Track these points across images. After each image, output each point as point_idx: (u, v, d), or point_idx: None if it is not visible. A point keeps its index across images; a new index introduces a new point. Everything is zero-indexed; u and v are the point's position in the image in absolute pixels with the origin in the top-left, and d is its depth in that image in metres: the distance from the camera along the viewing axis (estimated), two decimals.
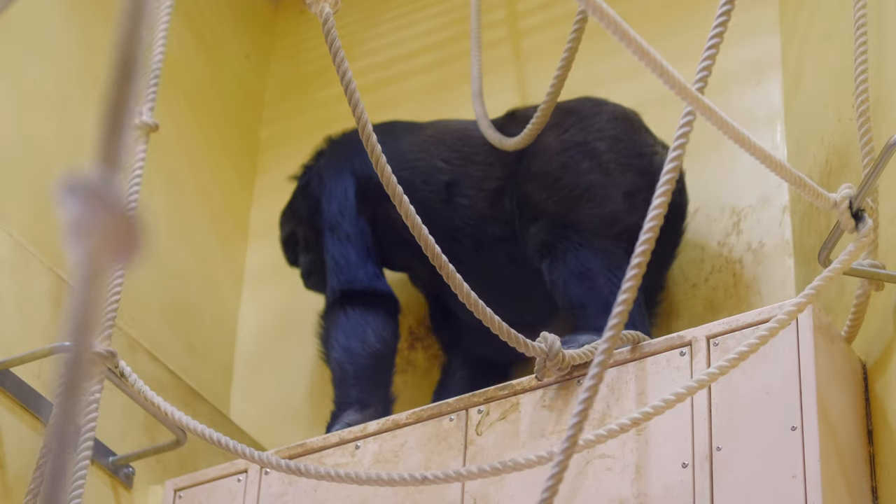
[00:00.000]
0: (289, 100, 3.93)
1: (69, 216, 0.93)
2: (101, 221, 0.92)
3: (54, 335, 2.98)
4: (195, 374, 3.42)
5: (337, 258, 3.12)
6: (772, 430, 2.40)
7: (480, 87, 3.24)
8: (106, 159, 0.96)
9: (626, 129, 3.02)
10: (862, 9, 2.62)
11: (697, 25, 3.45)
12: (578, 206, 2.92)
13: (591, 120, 3.02)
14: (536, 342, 2.53)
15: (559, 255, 2.89)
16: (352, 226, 3.13)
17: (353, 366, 3.03)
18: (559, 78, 2.86)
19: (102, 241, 0.93)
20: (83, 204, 0.92)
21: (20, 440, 2.87)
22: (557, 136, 2.99)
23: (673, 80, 2.10)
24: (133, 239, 0.93)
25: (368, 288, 3.09)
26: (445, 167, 3.09)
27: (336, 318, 3.08)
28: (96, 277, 0.94)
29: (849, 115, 2.75)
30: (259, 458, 2.53)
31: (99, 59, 3.39)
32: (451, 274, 2.38)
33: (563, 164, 2.96)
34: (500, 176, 3.05)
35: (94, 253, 0.94)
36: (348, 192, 3.15)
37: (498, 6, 3.71)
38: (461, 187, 3.06)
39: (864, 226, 2.45)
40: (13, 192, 3.08)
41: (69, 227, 0.93)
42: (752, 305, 3.03)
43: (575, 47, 2.82)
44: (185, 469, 3.14)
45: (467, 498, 2.61)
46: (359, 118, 2.32)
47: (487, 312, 2.41)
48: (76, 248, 0.93)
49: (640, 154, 2.99)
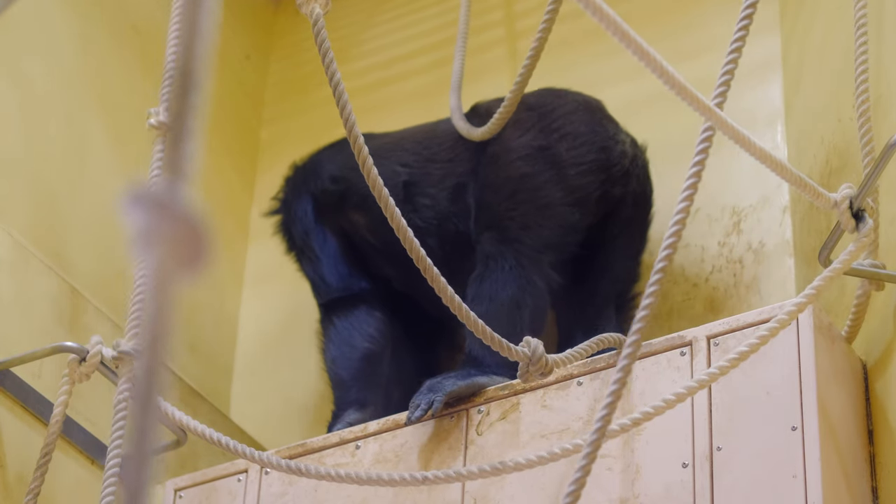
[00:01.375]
0: (289, 100, 3.93)
1: (136, 227, 0.93)
2: (169, 231, 0.93)
3: (54, 335, 2.98)
4: (195, 374, 3.42)
5: (313, 278, 3.19)
6: (772, 430, 2.40)
7: (460, 81, 3.25)
8: (170, 168, 0.97)
9: (587, 120, 3.02)
10: (862, 9, 2.62)
11: (698, 25, 3.45)
12: (530, 225, 2.93)
13: (552, 116, 3.01)
14: (519, 346, 2.52)
15: (487, 273, 2.90)
16: (317, 241, 3.19)
17: (346, 370, 3.06)
18: (527, 67, 2.85)
19: (170, 250, 0.93)
20: (150, 214, 0.92)
21: (20, 440, 2.87)
22: (518, 138, 2.99)
23: (673, 80, 2.10)
24: (200, 247, 0.94)
25: (345, 292, 3.15)
26: (403, 170, 3.11)
27: (326, 330, 3.14)
28: (165, 288, 0.95)
29: (849, 115, 2.75)
30: (259, 458, 2.53)
31: (100, 60, 3.39)
32: (434, 277, 2.37)
33: (522, 174, 2.96)
34: (461, 172, 3.07)
35: (163, 262, 0.94)
36: (307, 210, 3.21)
37: (495, 7, 3.71)
38: (422, 187, 3.06)
39: (865, 226, 2.45)
40: (13, 192, 3.08)
41: (136, 238, 0.93)
42: (753, 305, 3.03)
43: (545, 37, 2.82)
44: (185, 469, 3.14)
45: (467, 498, 2.61)
46: (346, 119, 2.31)
47: (471, 315, 2.41)
48: (144, 257, 0.93)
49: (602, 147, 3.00)
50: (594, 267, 3.02)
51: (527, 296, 2.86)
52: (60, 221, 3.17)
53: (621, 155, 3.00)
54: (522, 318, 2.84)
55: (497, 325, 2.75)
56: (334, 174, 3.19)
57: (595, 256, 3.01)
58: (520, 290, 2.86)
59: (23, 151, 3.13)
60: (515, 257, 2.89)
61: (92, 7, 3.39)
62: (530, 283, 2.87)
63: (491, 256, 2.91)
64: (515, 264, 2.88)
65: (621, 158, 3.00)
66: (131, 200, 0.92)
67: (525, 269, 2.88)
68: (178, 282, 0.95)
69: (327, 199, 3.18)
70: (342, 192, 3.16)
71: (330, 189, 3.18)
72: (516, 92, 2.89)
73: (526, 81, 2.88)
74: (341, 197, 3.17)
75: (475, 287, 2.89)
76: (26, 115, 3.16)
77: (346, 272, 3.17)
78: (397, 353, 3.16)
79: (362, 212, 3.14)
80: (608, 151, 2.99)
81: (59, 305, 3.06)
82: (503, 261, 2.89)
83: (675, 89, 2.11)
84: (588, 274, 3.02)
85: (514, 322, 2.82)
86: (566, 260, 2.95)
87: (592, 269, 3.02)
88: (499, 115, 2.91)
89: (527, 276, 2.87)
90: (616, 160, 2.99)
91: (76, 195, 3.22)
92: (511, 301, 2.85)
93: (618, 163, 2.99)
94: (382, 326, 3.11)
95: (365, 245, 3.17)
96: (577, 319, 3.00)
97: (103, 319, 3.15)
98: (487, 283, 2.88)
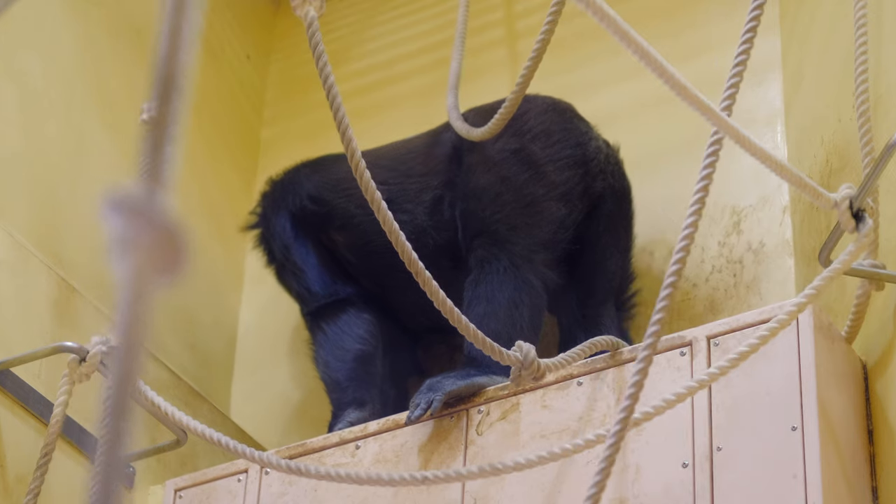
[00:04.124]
0: (289, 100, 3.93)
1: (113, 233, 0.92)
2: (146, 237, 0.92)
3: (54, 335, 2.98)
4: (195, 374, 3.42)
5: (298, 290, 3.22)
6: (772, 430, 2.40)
7: (457, 80, 3.25)
8: (150, 174, 0.96)
9: (557, 119, 3.04)
10: (862, 9, 2.62)
11: (698, 25, 3.45)
12: (518, 225, 2.94)
13: (521, 119, 3.02)
14: (512, 351, 2.52)
15: (482, 276, 2.90)
16: (298, 255, 3.22)
17: (340, 372, 3.07)
18: (529, 69, 2.85)
19: (147, 257, 0.93)
20: (127, 220, 0.92)
21: (20, 440, 2.87)
22: (493, 144, 3.01)
23: (673, 80, 2.10)
24: (179, 254, 0.94)
25: (330, 298, 3.17)
26: (383, 188, 3.11)
27: (316, 337, 3.16)
28: (141, 294, 0.95)
29: (849, 115, 2.75)
30: (259, 458, 2.53)
31: (99, 59, 3.39)
32: (426, 280, 2.36)
33: (502, 177, 2.98)
34: (436, 185, 3.09)
35: (140, 269, 0.94)
36: (285, 226, 3.23)
37: (495, 7, 3.71)
38: (399, 203, 3.07)
39: (865, 226, 2.45)
40: (13, 191, 3.08)
41: (114, 244, 0.93)
42: (753, 305, 3.03)
43: (547, 38, 2.81)
44: (185, 469, 3.14)
45: (467, 498, 2.61)
46: (339, 122, 2.31)
47: (462, 320, 2.40)
48: (122, 264, 0.93)
49: (577, 143, 3.02)
50: (587, 267, 3.03)
51: (524, 295, 2.86)
52: (60, 221, 3.17)
53: (596, 150, 3.04)
54: (522, 316, 2.84)
55: (497, 326, 2.75)
56: (312, 194, 3.22)
57: (585, 256, 3.02)
58: (516, 290, 2.86)
59: (23, 151, 3.13)
60: (509, 258, 2.90)
61: (91, 6, 3.39)
62: (526, 282, 2.88)
63: (485, 260, 2.92)
64: (510, 265, 2.89)
65: (597, 153, 3.03)
66: (110, 205, 0.92)
67: (520, 269, 2.89)
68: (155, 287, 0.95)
69: (306, 216, 3.21)
70: (323, 214, 3.19)
71: (309, 208, 3.20)
72: (518, 92, 2.88)
73: (528, 82, 2.87)
74: (322, 217, 3.19)
75: (471, 290, 2.90)
76: (26, 114, 3.16)
77: (330, 280, 3.19)
78: (389, 353, 3.17)
79: (344, 233, 3.17)
80: (583, 147, 3.02)
81: (59, 305, 3.05)
82: (497, 263, 2.90)
83: (676, 89, 2.11)
84: (582, 275, 3.03)
85: (513, 322, 2.82)
86: (560, 259, 2.96)
87: (585, 269, 3.03)
88: (500, 115, 2.91)
89: (522, 275, 2.88)
90: (592, 155, 3.02)
91: (76, 195, 3.22)
92: (509, 301, 2.85)
93: (594, 157, 3.02)
94: (372, 328, 3.13)
95: (344, 261, 3.19)
96: (577, 319, 3.01)
97: (103, 319, 3.15)
98: (483, 286, 2.89)
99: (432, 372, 3.23)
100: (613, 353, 2.64)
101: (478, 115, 3.07)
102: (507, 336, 2.60)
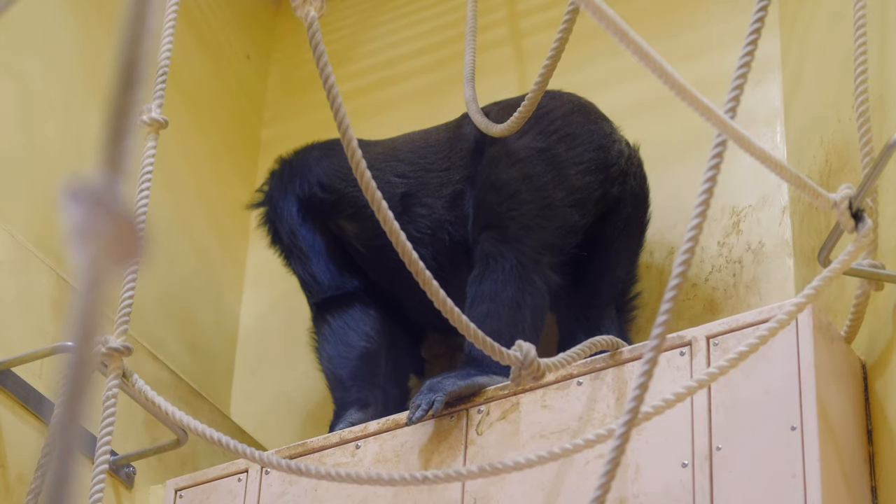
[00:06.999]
0: (289, 100, 3.93)
1: (72, 221, 0.93)
2: (105, 227, 0.93)
3: (55, 335, 2.98)
4: (196, 374, 3.42)
5: (304, 277, 3.19)
6: (772, 429, 2.40)
7: (473, 72, 3.24)
8: (109, 164, 0.96)
9: (583, 121, 3.03)
10: (862, 9, 2.62)
11: (698, 25, 3.46)
12: (531, 225, 2.93)
13: (547, 118, 3.01)
14: (512, 350, 2.52)
15: (487, 273, 2.90)
16: (305, 240, 3.19)
17: (345, 369, 3.06)
18: (548, 67, 2.84)
19: (105, 246, 0.93)
20: (86, 209, 0.92)
21: (21, 440, 2.87)
22: (517, 140, 2.99)
23: (673, 81, 2.10)
24: (136, 244, 0.94)
25: (338, 291, 3.15)
26: (400, 181, 3.11)
27: (320, 329, 3.15)
28: (99, 283, 0.95)
29: (849, 115, 2.75)
30: (260, 457, 2.53)
31: (99, 59, 3.40)
32: (427, 280, 2.36)
33: (525, 175, 2.97)
34: (457, 180, 3.07)
35: (98, 258, 0.94)
36: (292, 211, 3.21)
37: (499, 6, 3.71)
38: (419, 197, 3.07)
39: (864, 226, 2.45)
40: (13, 191, 3.08)
41: (72, 232, 0.93)
42: (752, 305, 3.03)
43: (565, 38, 2.81)
44: (185, 469, 3.14)
45: (467, 498, 2.62)
46: (340, 122, 2.31)
47: (463, 320, 2.40)
48: (79, 253, 0.93)
49: (600, 147, 3.01)
50: (594, 268, 3.02)
51: (527, 295, 2.86)
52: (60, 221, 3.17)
53: (618, 154, 3.02)
54: (524, 317, 2.84)
55: (499, 326, 2.75)
56: (322, 181, 3.19)
57: (595, 258, 3.01)
58: (520, 290, 2.86)
59: (23, 151, 3.13)
60: (516, 257, 2.89)
61: (91, 6, 3.39)
62: (530, 282, 2.87)
63: (491, 256, 2.91)
64: (516, 264, 2.88)
65: (618, 157, 3.01)
66: (69, 195, 0.93)
67: (525, 269, 2.88)
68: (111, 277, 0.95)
69: (315, 203, 3.19)
70: (332, 202, 3.16)
71: (318, 195, 3.18)
72: (538, 90, 2.87)
73: (548, 78, 2.85)
74: (331, 205, 3.17)
75: (475, 287, 2.89)
76: (26, 114, 3.17)
77: (337, 271, 3.17)
78: (392, 350, 3.16)
79: (354, 222, 3.15)
80: (606, 150, 3.00)
81: (60, 305, 3.06)
82: (503, 260, 2.89)
83: (676, 90, 2.11)
84: (588, 275, 3.02)
85: (515, 322, 2.82)
86: (565, 262, 2.96)
87: (593, 270, 3.02)
88: (520, 112, 2.89)
89: (527, 275, 2.88)
90: (614, 159, 3.00)
91: None
92: (512, 301, 2.85)
93: (615, 162, 3.01)
94: (377, 324, 3.12)
95: (352, 250, 3.18)
96: (579, 321, 3.01)
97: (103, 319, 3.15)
98: (487, 283, 2.88)
99: (433, 371, 3.24)
100: (613, 353, 2.65)
101: (501, 110, 3.06)
102: (509, 336, 2.60)
